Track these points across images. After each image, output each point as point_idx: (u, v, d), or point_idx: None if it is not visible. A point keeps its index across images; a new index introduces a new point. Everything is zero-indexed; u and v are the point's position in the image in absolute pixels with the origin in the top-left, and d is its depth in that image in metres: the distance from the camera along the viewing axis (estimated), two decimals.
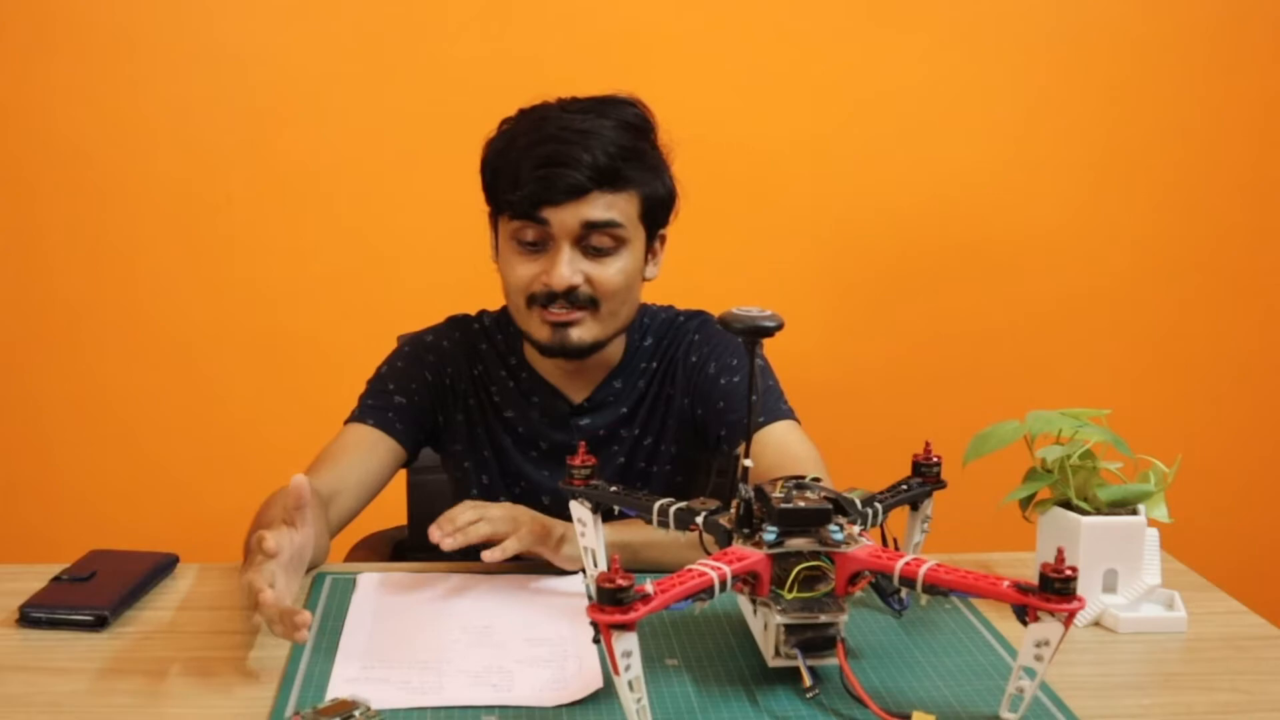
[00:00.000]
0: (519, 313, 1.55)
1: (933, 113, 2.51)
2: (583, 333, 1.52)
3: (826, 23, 2.46)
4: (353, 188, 2.46)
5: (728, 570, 1.07)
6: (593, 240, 1.49)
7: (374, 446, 1.59)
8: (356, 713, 1.07)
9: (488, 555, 1.33)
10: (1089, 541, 1.33)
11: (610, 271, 1.51)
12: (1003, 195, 2.55)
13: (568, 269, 1.49)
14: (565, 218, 1.48)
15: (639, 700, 1.02)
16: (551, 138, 1.49)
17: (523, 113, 1.55)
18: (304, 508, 1.29)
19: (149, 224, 2.45)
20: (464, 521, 1.34)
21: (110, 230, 2.44)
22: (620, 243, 1.51)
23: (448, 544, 1.32)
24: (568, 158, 1.47)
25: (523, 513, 1.40)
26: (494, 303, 1.69)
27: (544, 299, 1.51)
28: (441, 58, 2.41)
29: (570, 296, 1.50)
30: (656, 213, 1.56)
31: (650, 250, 1.58)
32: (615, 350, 1.62)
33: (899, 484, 1.32)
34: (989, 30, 2.49)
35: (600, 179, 1.48)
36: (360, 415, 1.62)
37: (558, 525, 1.41)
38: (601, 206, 1.49)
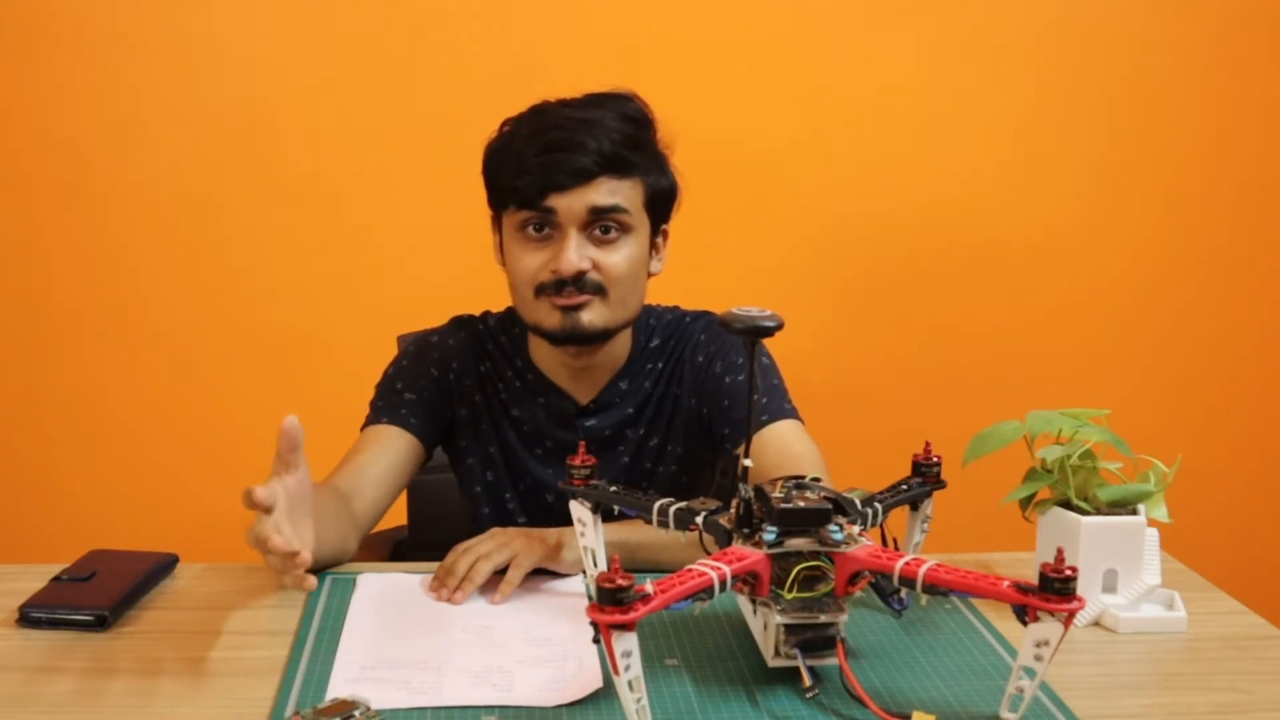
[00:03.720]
0: (526, 304, 1.54)
1: (933, 113, 2.51)
2: (593, 316, 1.51)
3: (827, 22, 2.46)
4: (353, 187, 2.46)
5: (728, 570, 1.07)
6: (599, 226, 1.49)
7: (391, 441, 1.58)
8: (356, 713, 1.07)
9: (496, 599, 1.34)
10: (1089, 541, 1.33)
11: (618, 258, 1.50)
12: (1003, 195, 2.55)
13: (575, 254, 1.48)
14: (572, 203, 1.47)
15: (639, 700, 1.01)
16: (555, 126, 1.49)
17: (522, 113, 1.55)
18: (297, 449, 1.20)
19: (149, 224, 2.45)
20: (464, 570, 1.36)
21: (110, 230, 2.44)
22: (626, 229, 1.51)
23: (459, 599, 1.34)
24: (573, 143, 1.47)
25: (513, 535, 1.40)
26: (495, 303, 1.69)
27: (553, 287, 1.50)
28: (442, 58, 2.42)
29: (578, 282, 1.49)
30: (659, 204, 1.56)
31: (654, 244, 1.58)
32: (621, 350, 1.62)
33: (899, 484, 1.32)
34: (989, 30, 2.49)
35: (606, 164, 1.48)
36: (374, 418, 1.61)
37: (550, 534, 1.41)
38: (607, 192, 1.48)
